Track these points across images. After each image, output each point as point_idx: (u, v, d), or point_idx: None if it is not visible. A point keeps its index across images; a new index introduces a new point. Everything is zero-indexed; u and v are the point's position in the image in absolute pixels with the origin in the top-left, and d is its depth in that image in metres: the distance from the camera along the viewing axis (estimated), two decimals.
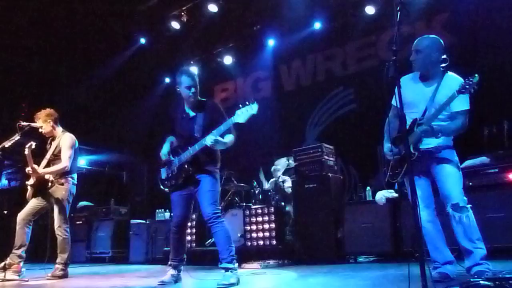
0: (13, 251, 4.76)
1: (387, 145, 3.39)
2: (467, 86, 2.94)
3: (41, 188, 4.89)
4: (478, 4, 6.82)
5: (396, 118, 3.27)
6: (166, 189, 4.01)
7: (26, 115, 5.56)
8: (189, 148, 3.77)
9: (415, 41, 3.35)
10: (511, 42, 6.42)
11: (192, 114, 3.94)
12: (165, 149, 4.01)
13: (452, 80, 3.21)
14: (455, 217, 3.09)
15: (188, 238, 7.30)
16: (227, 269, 3.65)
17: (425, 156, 3.23)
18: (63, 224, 4.88)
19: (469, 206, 3.12)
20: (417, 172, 3.28)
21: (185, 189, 3.87)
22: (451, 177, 3.17)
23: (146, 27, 9.59)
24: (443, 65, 3.31)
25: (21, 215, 4.87)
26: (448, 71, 3.30)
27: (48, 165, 4.97)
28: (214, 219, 3.73)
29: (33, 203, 4.93)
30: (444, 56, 3.31)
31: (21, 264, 4.77)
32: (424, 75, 3.37)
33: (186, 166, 3.80)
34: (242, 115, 3.50)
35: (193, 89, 3.86)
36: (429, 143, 3.23)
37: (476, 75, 2.94)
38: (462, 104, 3.15)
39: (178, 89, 3.93)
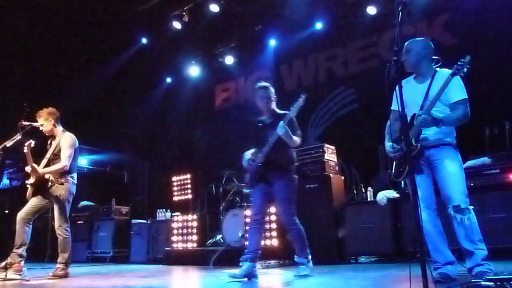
0: (14, 250, 4.76)
1: (388, 144, 3.39)
2: (460, 67, 3.02)
3: (41, 187, 4.88)
4: (479, 4, 6.80)
5: (396, 121, 3.31)
6: (249, 190, 4.46)
7: (28, 114, 5.56)
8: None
9: (405, 44, 3.40)
10: None
11: (268, 121, 4.35)
12: (245, 157, 4.40)
13: (444, 74, 3.23)
14: (456, 218, 3.08)
15: (189, 238, 7.31)
16: (302, 264, 4.16)
17: (426, 151, 3.23)
18: (63, 224, 4.87)
19: (471, 207, 3.10)
20: (419, 171, 3.27)
21: (260, 185, 4.23)
22: (452, 178, 3.16)
23: (147, 27, 9.60)
24: (436, 66, 3.34)
25: (20, 214, 4.86)
26: (440, 68, 3.33)
27: (48, 164, 4.96)
28: (290, 224, 4.14)
29: (33, 202, 4.92)
30: (436, 57, 3.36)
31: (22, 263, 4.76)
32: (416, 74, 3.42)
33: (261, 166, 4.17)
34: (294, 109, 4.02)
35: (265, 100, 4.33)
36: (430, 137, 3.24)
37: (468, 56, 3.02)
38: (459, 94, 3.20)
39: (256, 102, 4.41)
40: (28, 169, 4.83)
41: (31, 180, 4.93)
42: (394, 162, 3.39)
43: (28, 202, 4.95)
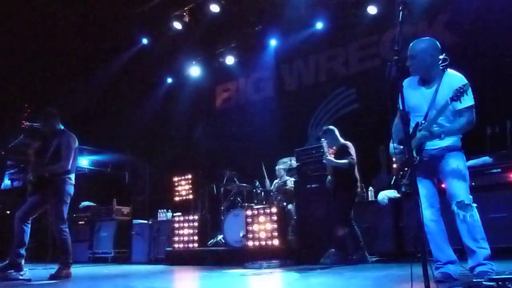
0: (13, 250, 4.75)
1: (392, 145, 3.35)
2: (459, 94, 2.98)
3: (40, 186, 4.88)
4: (480, 4, 6.80)
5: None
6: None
7: (28, 116, 5.56)
8: None
9: (409, 46, 3.31)
10: None
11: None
12: (327, 179, 5.87)
13: (452, 78, 3.20)
14: (459, 215, 3.07)
15: (190, 238, 7.31)
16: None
17: (431, 158, 3.22)
18: (60, 224, 4.83)
19: (474, 204, 3.09)
20: (423, 172, 3.26)
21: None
22: (457, 174, 3.14)
23: (148, 28, 9.59)
24: (443, 64, 3.30)
25: (18, 214, 4.84)
26: (448, 69, 3.29)
27: (48, 164, 4.96)
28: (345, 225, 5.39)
29: (31, 202, 4.91)
30: (443, 56, 3.30)
31: (23, 262, 4.76)
32: (423, 78, 3.36)
33: (331, 186, 5.69)
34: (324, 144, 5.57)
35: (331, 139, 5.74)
36: (435, 145, 3.22)
37: (467, 82, 3.03)
38: (465, 101, 3.12)
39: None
40: (28, 168, 4.83)
41: (31, 179, 4.92)
42: (397, 165, 3.38)
43: (26, 202, 4.94)
